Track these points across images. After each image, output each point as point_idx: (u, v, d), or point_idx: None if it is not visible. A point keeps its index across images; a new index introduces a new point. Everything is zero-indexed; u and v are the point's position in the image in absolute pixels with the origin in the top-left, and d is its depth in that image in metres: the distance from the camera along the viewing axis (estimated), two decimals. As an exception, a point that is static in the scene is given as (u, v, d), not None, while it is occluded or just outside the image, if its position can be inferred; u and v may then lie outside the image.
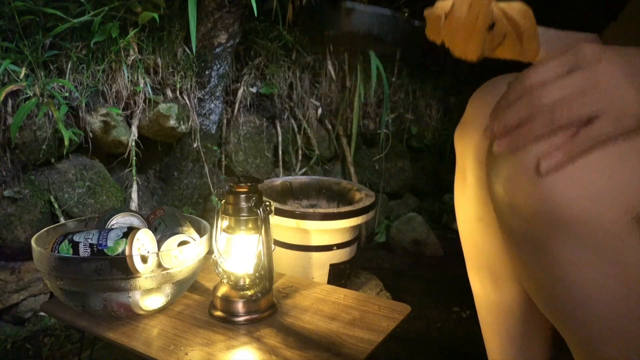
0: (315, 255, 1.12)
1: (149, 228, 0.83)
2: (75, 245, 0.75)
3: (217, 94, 1.39)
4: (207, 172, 1.41)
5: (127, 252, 0.73)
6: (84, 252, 0.74)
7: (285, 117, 1.62)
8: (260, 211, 0.76)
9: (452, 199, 2.24)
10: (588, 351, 0.48)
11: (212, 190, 1.42)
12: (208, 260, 0.83)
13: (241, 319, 0.76)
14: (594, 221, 0.42)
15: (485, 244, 0.68)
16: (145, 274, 0.73)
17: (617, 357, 0.45)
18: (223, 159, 1.49)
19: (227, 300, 0.77)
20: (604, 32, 0.76)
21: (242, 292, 0.77)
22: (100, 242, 0.74)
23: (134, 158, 1.27)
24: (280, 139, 1.61)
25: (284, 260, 1.14)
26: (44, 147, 1.11)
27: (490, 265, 0.69)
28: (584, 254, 0.43)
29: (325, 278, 1.14)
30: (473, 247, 0.71)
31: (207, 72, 1.35)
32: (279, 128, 1.60)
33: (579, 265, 0.44)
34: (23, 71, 1.08)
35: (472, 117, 0.65)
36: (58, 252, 0.75)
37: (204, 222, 0.87)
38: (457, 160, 0.69)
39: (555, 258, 0.45)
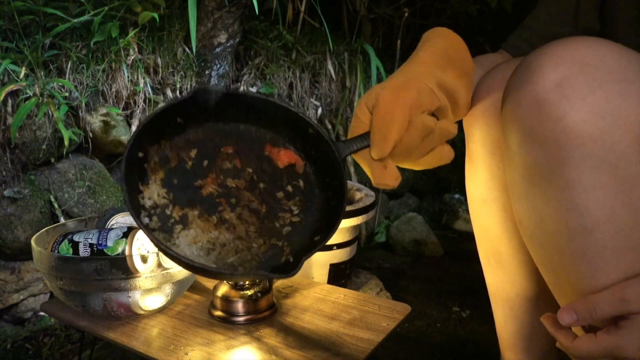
0: (315, 255, 1.12)
1: (149, 228, 0.83)
2: (75, 245, 0.75)
3: (217, 93, 1.39)
4: (207, 172, 1.40)
5: (127, 252, 0.73)
6: (83, 252, 0.74)
7: (285, 117, 1.61)
8: (260, 211, 0.76)
9: (452, 198, 2.23)
10: (583, 285, 0.47)
11: (212, 190, 1.42)
12: (208, 260, 0.83)
13: (241, 318, 0.76)
14: (606, 139, 0.43)
15: (489, 225, 0.69)
16: (145, 273, 0.73)
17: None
18: (223, 159, 1.48)
19: (227, 300, 0.77)
20: (510, 39, 0.76)
21: (242, 292, 0.77)
22: (100, 242, 0.74)
23: (134, 158, 1.27)
24: (280, 138, 1.61)
25: (284, 260, 1.14)
26: (44, 147, 1.11)
27: (495, 249, 0.70)
28: (596, 175, 0.44)
29: (325, 278, 1.14)
30: (480, 230, 0.72)
31: (207, 72, 1.35)
32: (279, 128, 1.60)
33: (591, 187, 0.45)
34: (23, 71, 1.08)
35: (478, 102, 0.65)
36: (58, 252, 0.75)
37: (204, 222, 0.87)
38: (467, 144, 0.70)
39: (568, 182, 0.45)
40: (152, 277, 0.73)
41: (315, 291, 0.87)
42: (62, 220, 1.14)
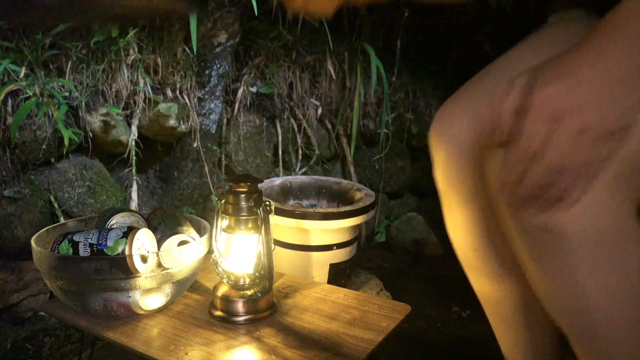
0: (315, 255, 1.12)
1: (149, 228, 0.83)
2: (75, 245, 0.75)
3: (217, 93, 1.39)
4: (207, 171, 1.41)
5: (127, 252, 0.73)
6: (83, 251, 0.74)
7: (285, 117, 1.61)
8: (260, 211, 0.76)
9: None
10: (594, 356, 0.49)
11: (212, 189, 1.42)
12: (208, 260, 0.83)
13: (241, 318, 0.76)
14: (599, 229, 0.44)
15: (482, 269, 0.70)
16: (145, 273, 0.73)
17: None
18: (223, 159, 1.49)
19: (227, 300, 0.77)
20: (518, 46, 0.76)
21: (242, 292, 0.77)
22: (100, 241, 0.74)
23: (134, 158, 1.27)
24: (280, 138, 1.61)
25: (284, 260, 1.14)
26: (43, 146, 1.11)
27: (487, 271, 0.70)
28: (594, 259, 0.46)
29: (325, 278, 1.14)
30: (470, 270, 0.73)
31: (207, 72, 1.35)
32: (278, 128, 1.60)
33: (589, 272, 0.46)
34: (23, 71, 1.08)
35: (447, 158, 0.65)
36: (58, 251, 0.75)
37: (204, 221, 0.87)
38: (442, 200, 0.70)
39: (570, 268, 0.47)
40: (152, 277, 0.73)
41: (315, 291, 0.87)
42: (62, 220, 1.14)
